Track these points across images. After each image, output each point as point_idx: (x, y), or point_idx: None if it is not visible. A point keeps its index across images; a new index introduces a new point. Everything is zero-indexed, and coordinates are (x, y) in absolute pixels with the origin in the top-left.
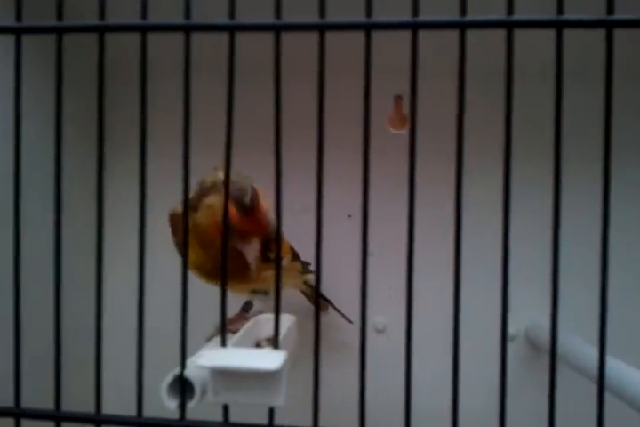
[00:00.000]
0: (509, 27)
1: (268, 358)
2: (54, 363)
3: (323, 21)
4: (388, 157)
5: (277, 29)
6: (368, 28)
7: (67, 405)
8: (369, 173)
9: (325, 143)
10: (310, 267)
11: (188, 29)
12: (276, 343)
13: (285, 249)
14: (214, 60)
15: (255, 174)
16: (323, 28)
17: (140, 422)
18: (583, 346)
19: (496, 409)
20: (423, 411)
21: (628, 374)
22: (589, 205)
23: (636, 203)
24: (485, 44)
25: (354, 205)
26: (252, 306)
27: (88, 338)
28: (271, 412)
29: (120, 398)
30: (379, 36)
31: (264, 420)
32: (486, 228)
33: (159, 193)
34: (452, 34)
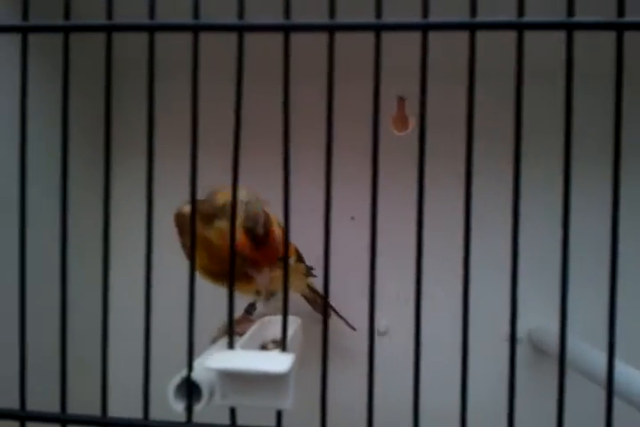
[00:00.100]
0: (520, 28)
1: (276, 361)
2: (60, 365)
3: (333, 22)
4: (392, 158)
5: (287, 30)
6: (378, 28)
7: (72, 407)
8: (377, 176)
9: (325, 144)
10: (313, 271)
11: (196, 29)
12: (284, 346)
13: (291, 250)
14: (222, 61)
15: (260, 175)
16: (332, 28)
17: (147, 425)
18: (591, 351)
19: (498, 411)
20: (427, 413)
21: (636, 379)
22: (598, 208)
23: None
24: (490, 44)
25: (357, 207)
26: (255, 308)
27: (94, 340)
28: (279, 415)
29: (126, 401)
30: (383, 36)
31: (270, 423)
32: (489, 229)
33: (164, 192)
34: (459, 35)
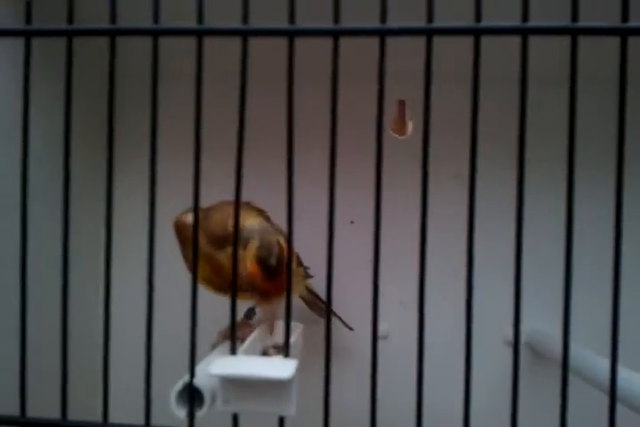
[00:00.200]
0: (524, 33)
1: (279, 367)
2: (61, 371)
3: (337, 27)
4: (392, 161)
5: (291, 35)
6: (383, 33)
7: (73, 413)
8: (381, 182)
9: (329, 147)
10: (309, 271)
11: (200, 34)
12: (287, 352)
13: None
14: (226, 65)
15: (262, 179)
16: (337, 33)
17: None
18: (595, 358)
19: (497, 412)
20: (428, 417)
21: (637, 383)
22: (601, 212)
23: None
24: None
25: (356, 211)
26: (254, 312)
27: (95, 346)
28: (281, 421)
29: (128, 407)
30: (387, 40)
31: None
32: (490, 232)
33: (167, 195)
34: (463, 39)
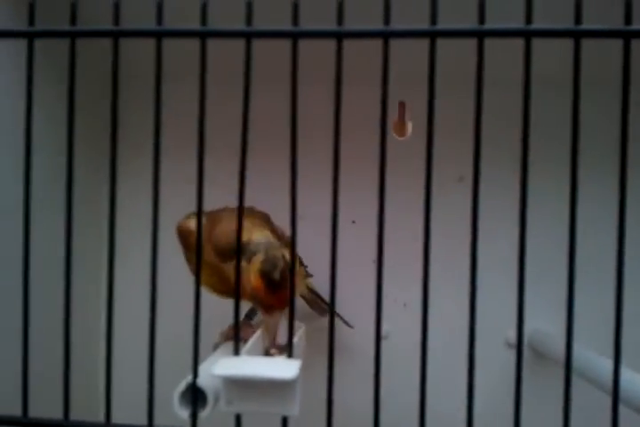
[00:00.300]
0: (528, 36)
1: (282, 367)
2: (63, 372)
3: (341, 29)
4: (393, 163)
5: (295, 36)
6: (386, 35)
7: (76, 414)
8: (384, 183)
9: (330, 149)
10: (307, 269)
11: (204, 35)
12: (290, 352)
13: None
14: (230, 66)
15: (265, 179)
16: (341, 35)
17: None
18: (597, 358)
19: (498, 413)
20: (429, 417)
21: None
22: (604, 214)
23: None
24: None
25: (358, 212)
26: (256, 313)
27: (98, 346)
28: (284, 421)
29: (130, 408)
30: (391, 42)
31: None
32: (489, 234)
33: (168, 196)
34: (467, 42)
